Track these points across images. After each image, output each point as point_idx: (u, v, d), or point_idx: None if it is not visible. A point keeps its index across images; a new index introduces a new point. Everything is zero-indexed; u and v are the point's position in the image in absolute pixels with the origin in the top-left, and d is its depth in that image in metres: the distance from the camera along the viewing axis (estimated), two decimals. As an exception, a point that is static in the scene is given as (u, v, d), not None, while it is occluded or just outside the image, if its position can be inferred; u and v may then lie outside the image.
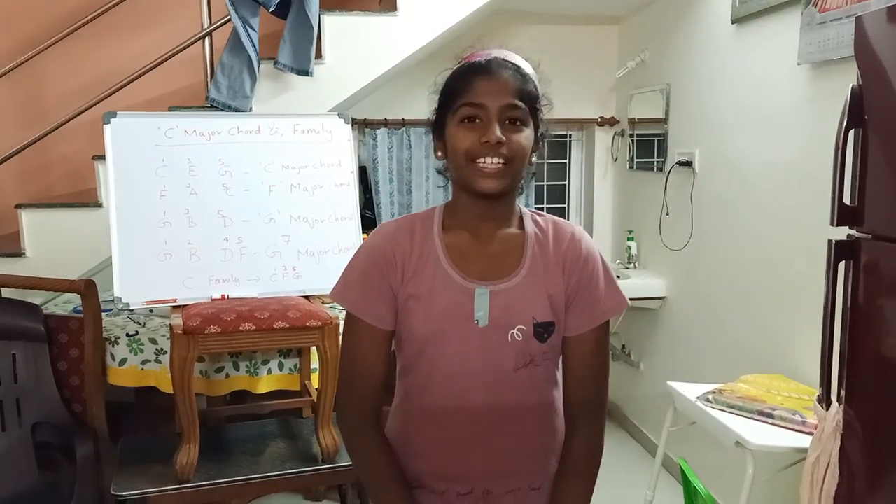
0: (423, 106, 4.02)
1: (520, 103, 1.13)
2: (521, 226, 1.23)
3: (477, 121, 1.12)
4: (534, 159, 1.19)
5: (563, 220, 1.26)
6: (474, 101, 1.12)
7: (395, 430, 1.26)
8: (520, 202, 1.28)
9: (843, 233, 1.51)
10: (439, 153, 1.21)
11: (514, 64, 1.16)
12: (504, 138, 1.11)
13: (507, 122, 1.12)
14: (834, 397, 1.53)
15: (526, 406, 1.21)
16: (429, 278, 1.17)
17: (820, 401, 1.56)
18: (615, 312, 1.23)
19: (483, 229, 1.21)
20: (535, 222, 1.24)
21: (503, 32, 3.75)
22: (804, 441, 1.74)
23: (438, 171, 1.27)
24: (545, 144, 1.22)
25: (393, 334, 1.21)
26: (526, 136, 1.14)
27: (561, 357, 1.24)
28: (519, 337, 1.16)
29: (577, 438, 1.23)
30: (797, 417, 1.93)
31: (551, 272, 1.20)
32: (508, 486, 1.22)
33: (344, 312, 1.23)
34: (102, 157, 2.71)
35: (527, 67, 1.18)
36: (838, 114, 1.48)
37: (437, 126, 1.20)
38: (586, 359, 1.22)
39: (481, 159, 1.12)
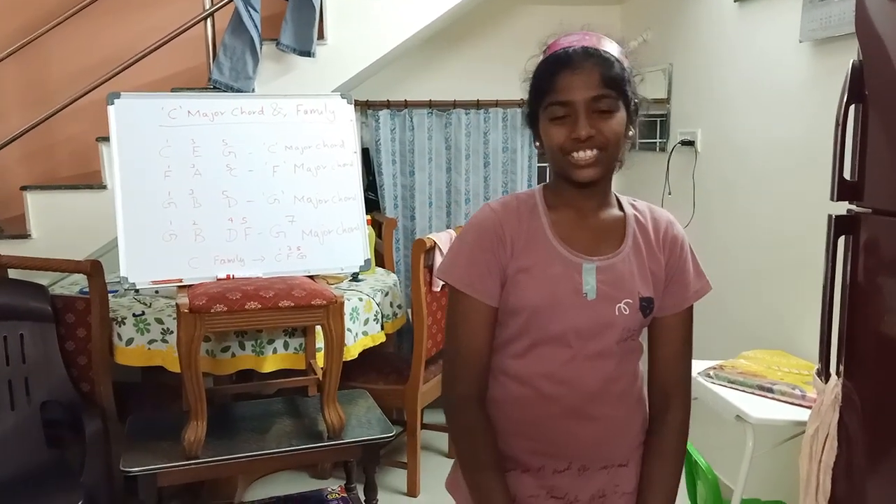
0: (425, 87, 4.05)
1: (607, 91, 1.13)
2: (621, 208, 1.27)
3: (566, 117, 1.14)
4: (630, 133, 1.20)
5: (657, 206, 1.31)
6: (560, 100, 1.13)
7: (492, 407, 1.25)
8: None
9: (843, 208, 1.52)
10: (537, 143, 1.23)
11: (595, 50, 1.15)
12: (593, 132, 1.13)
13: (595, 112, 1.13)
14: (833, 371, 1.55)
15: (624, 381, 1.24)
16: (538, 252, 1.20)
17: (819, 374, 1.58)
18: (702, 294, 1.29)
19: (586, 208, 1.24)
20: (633, 206, 1.29)
21: (506, 13, 3.74)
22: (804, 415, 1.76)
23: (541, 156, 1.30)
24: (636, 121, 1.22)
25: (497, 311, 1.22)
26: (617, 121, 1.15)
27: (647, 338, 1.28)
28: (626, 311, 1.20)
29: (668, 421, 1.27)
30: (797, 392, 1.95)
31: (653, 251, 1.24)
32: (603, 462, 1.24)
33: (350, 293, 1.25)
34: (106, 139, 2.74)
35: (611, 49, 1.17)
36: (839, 90, 1.48)
37: (531, 117, 1.22)
38: (677, 340, 1.28)
39: (573, 153, 1.14)
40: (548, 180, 1.31)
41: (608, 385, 1.21)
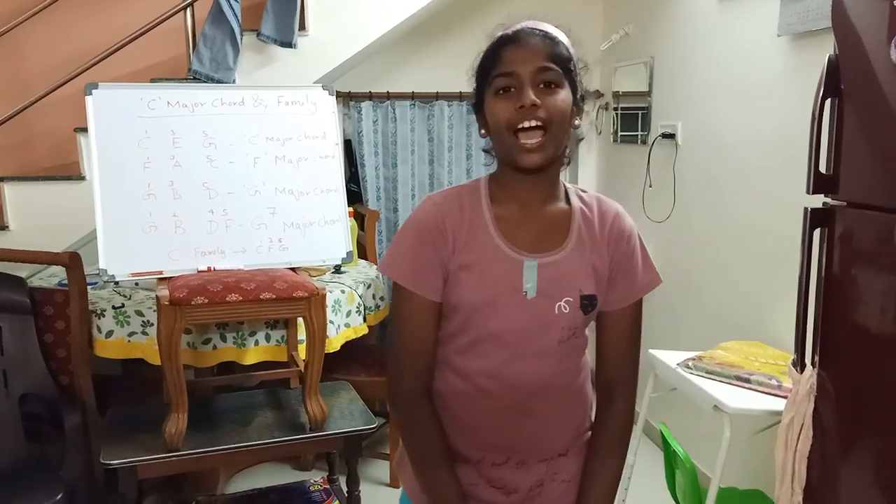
0: (408, 79, 4.05)
1: (551, 65, 1.13)
2: (568, 201, 1.25)
3: (511, 90, 1.13)
4: (576, 122, 1.18)
5: (606, 197, 1.28)
6: (505, 70, 1.13)
7: (435, 399, 1.25)
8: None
9: (819, 201, 1.54)
10: (483, 131, 1.22)
11: (541, 30, 1.16)
12: (538, 101, 1.11)
13: (541, 85, 1.12)
14: (808, 361, 1.57)
15: (566, 377, 1.23)
16: (479, 248, 1.18)
17: (795, 364, 1.60)
18: (651, 288, 1.26)
19: (530, 202, 1.21)
20: (581, 198, 1.26)
21: (488, 5, 3.74)
22: (780, 404, 1.79)
23: (485, 151, 1.26)
24: (581, 110, 1.20)
25: (441, 305, 1.21)
26: (562, 98, 1.13)
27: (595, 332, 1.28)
28: (566, 309, 1.18)
29: (612, 415, 1.27)
30: (773, 382, 1.98)
31: (597, 246, 1.22)
32: (542, 455, 1.25)
33: (332, 285, 1.24)
34: (85, 130, 2.70)
35: (556, 32, 1.18)
36: (816, 84, 1.50)
37: (478, 104, 1.21)
38: (623, 334, 1.26)
39: (521, 125, 1.11)
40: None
41: (548, 382, 1.21)
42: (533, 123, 1.11)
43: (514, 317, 1.17)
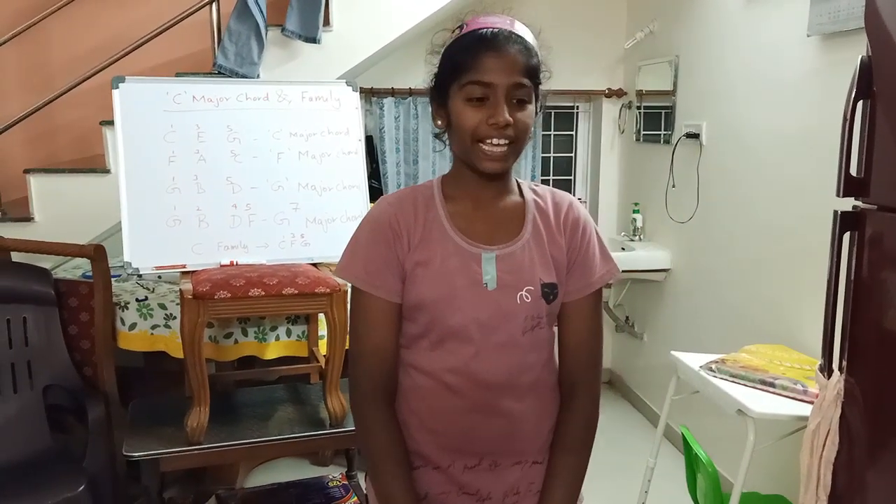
0: (429, 76, 3.99)
1: (526, 81, 1.12)
2: (521, 195, 1.25)
3: (484, 99, 1.11)
4: (532, 129, 1.18)
5: (558, 190, 1.29)
6: (483, 80, 1.10)
7: (399, 404, 1.24)
8: (525, 175, 1.29)
9: (848, 204, 1.51)
10: (439, 122, 1.20)
11: (520, 37, 1.14)
12: (511, 120, 1.10)
13: (514, 101, 1.12)
14: (836, 366, 1.55)
15: (532, 371, 1.22)
16: (435, 245, 1.18)
17: (822, 369, 1.58)
18: (608, 278, 1.24)
19: (484, 197, 1.21)
20: (533, 191, 1.26)
21: (512, 2, 3.72)
22: (805, 409, 1.77)
23: (435, 136, 1.25)
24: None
25: (401, 307, 1.20)
26: (529, 113, 1.14)
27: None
28: (528, 298, 1.18)
29: (574, 409, 1.24)
30: (799, 386, 1.96)
31: (553, 235, 1.22)
32: (515, 458, 1.22)
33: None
34: (110, 123, 2.73)
35: (530, 38, 1.16)
36: (847, 86, 1.48)
37: (438, 93, 1.19)
38: (583, 325, 1.24)
39: (488, 140, 1.11)
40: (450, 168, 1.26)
41: (516, 377, 1.19)
42: (502, 141, 1.12)
43: (476, 309, 1.16)
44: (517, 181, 1.26)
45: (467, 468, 1.21)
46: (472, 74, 1.11)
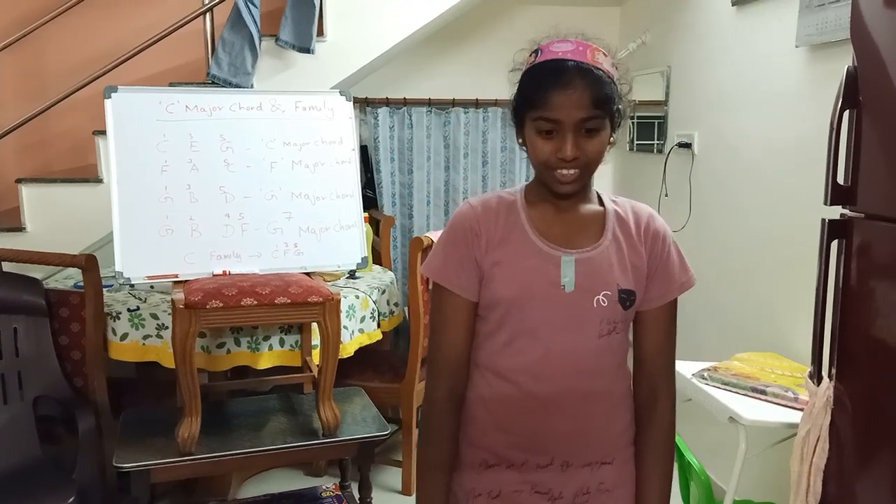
0: (424, 85, 4.04)
1: (596, 112, 1.14)
2: (601, 203, 1.28)
3: (553, 133, 1.15)
4: (612, 141, 1.20)
5: (638, 202, 1.31)
6: (550, 117, 1.13)
7: (471, 403, 1.27)
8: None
9: (836, 212, 1.52)
10: (520, 140, 1.24)
11: (588, 67, 1.14)
12: (579, 154, 1.14)
13: (582, 131, 1.14)
14: (825, 373, 1.56)
15: (607, 374, 1.24)
16: (514, 245, 1.21)
17: (811, 377, 1.58)
18: (687, 288, 1.28)
19: (566, 204, 1.25)
20: (614, 201, 1.29)
21: (505, 13, 3.75)
22: (796, 417, 1.77)
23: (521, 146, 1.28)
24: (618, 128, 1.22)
25: (476, 306, 1.24)
26: (601, 140, 1.16)
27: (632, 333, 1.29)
28: (605, 303, 1.20)
29: (657, 416, 1.28)
30: (789, 394, 1.96)
31: (633, 244, 1.24)
32: (586, 459, 1.24)
33: (346, 290, 1.25)
34: (103, 132, 2.73)
35: (604, 63, 1.17)
36: (834, 96, 1.49)
37: (516, 116, 1.22)
38: (661, 331, 1.27)
39: (559, 170, 1.16)
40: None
41: (588, 380, 1.22)
42: (571, 171, 1.16)
43: (551, 310, 1.19)
44: (598, 192, 1.29)
45: (539, 467, 1.24)
46: (542, 111, 1.14)
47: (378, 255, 3.50)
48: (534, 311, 1.19)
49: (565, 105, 1.12)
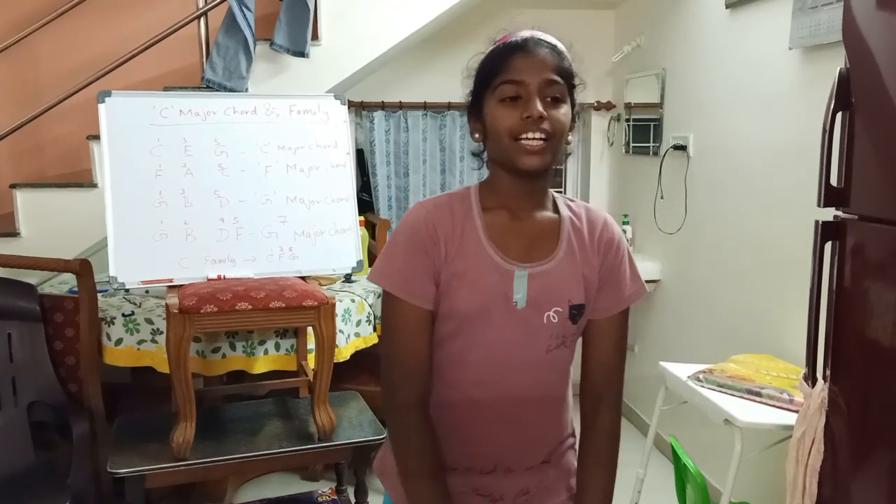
0: (420, 89, 4.05)
1: (558, 79, 1.14)
2: (556, 210, 1.25)
3: (518, 98, 1.13)
4: (570, 138, 1.19)
5: (594, 206, 1.29)
6: (514, 79, 1.12)
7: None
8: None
9: (830, 214, 1.53)
10: (476, 135, 1.22)
11: (549, 42, 1.17)
12: (545, 113, 1.12)
13: (547, 98, 1.13)
14: (820, 375, 1.56)
15: (554, 388, 1.24)
16: (471, 258, 1.18)
17: (806, 378, 1.59)
18: (637, 298, 1.26)
19: (522, 209, 1.22)
20: (569, 207, 1.26)
21: (500, 16, 3.74)
22: (791, 419, 1.77)
23: (474, 154, 1.27)
24: (579, 124, 1.23)
25: (434, 314, 1.20)
26: (564, 112, 1.15)
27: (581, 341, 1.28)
28: (555, 319, 1.19)
29: (599, 425, 1.26)
30: (785, 396, 1.96)
31: (587, 255, 1.22)
32: (528, 464, 1.25)
33: (342, 294, 1.24)
34: (97, 137, 2.73)
35: (561, 46, 1.19)
36: (827, 97, 1.49)
37: (474, 108, 1.21)
38: (611, 341, 1.26)
39: (524, 135, 1.12)
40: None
41: (537, 392, 1.21)
42: (537, 136, 1.12)
43: (504, 326, 1.17)
44: (553, 196, 1.27)
45: (483, 473, 1.23)
46: (504, 76, 1.13)
47: (374, 259, 3.50)
48: (487, 327, 1.17)
49: (529, 66, 1.13)
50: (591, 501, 1.26)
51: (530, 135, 1.12)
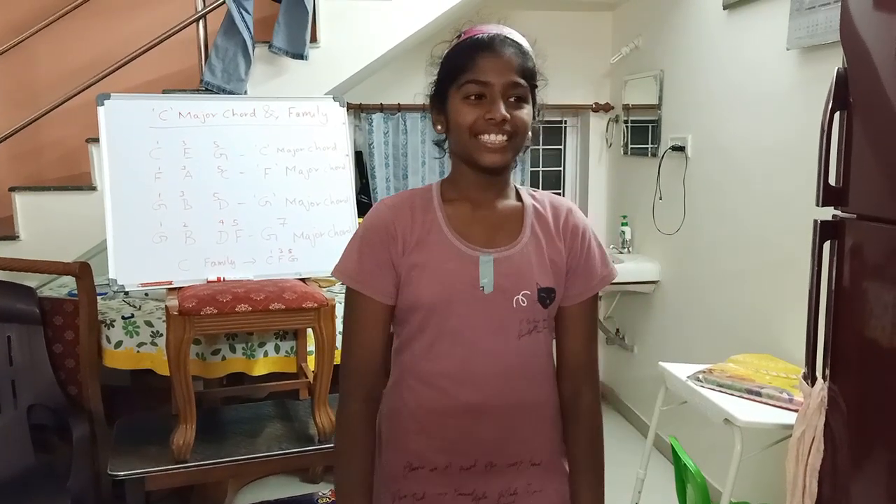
0: (419, 90, 4.05)
1: (522, 81, 1.15)
2: (519, 199, 1.26)
3: (482, 98, 1.15)
4: (530, 134, 1.21)
5: (558, 196, 1.30)
6: (479, 79, 1.14)
7: (394, 407, 1.25)
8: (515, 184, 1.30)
9: (828, 213, 1.53)
10: (439, 126, 1.23)
11: (515, 41, 1.18)
12: (508, 116, 1.13)
13: (511, 99, 1.15)
14: (819, 374, 1.56)
15: (529, 374, 1.22)
16: (432, 247, 1.19)
17: (805, 378, 1.59)
18: (607, 282, 1.26)
19: (483, 200, 1.23)
20: (532, 196, 1.27)
21: (498, 18, 3.75)
22: (791, 418, 1.77)
23: (436, 143, 1.28)
24: (541, 120, 1.25)
25: (393, 309, 1.21)
26: (527, 112, 1.17)
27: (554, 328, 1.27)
28: (524, 302, 1.18)
29: (581, 405, 1.26)
30: (784, 395, 1.96)
31: (552, 240, 1.23)
32: (511, 459, 1.23)
33: (341, 296, 1.24)
34: (96, 140, 2.72)
35: (526, 44, 1.20)
36: (825, 98, 1.50)
37: (437, 99, 1.22)
38: (583, 327, 1.26)
39: (485, 136, 1.14)
40: (448, 173, 1.29)
41: (510, 381, 1.20)
42: (499, 137, 1.14)
43: (472, 313, 1.17)
44: (516, 187, 1.28)
45: (463, 469, 1.22)
46: (469, 74, 1.14)
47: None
48: (454, 314, 1.17)
49: (495, 68, 1.14)
50: (585, 492, 1.26)
51: (492, 136, 1.14)
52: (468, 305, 1.17)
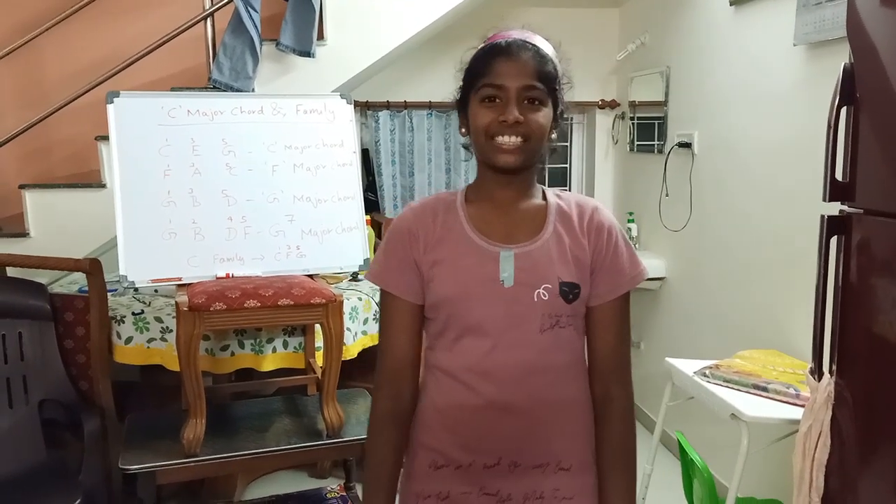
0: (425, 88, 4.06)
1: (538, 84, 1.17)
2: (544, 199, 1.28)
3: (497, 100, 1.17)
4: (553, 136, 1.23)
5: (586, 197, 1.31)
6: (494, 83, 1.17)
7: (423, 405, 1.27)
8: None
9: (835, 209, 1.53)
10: (463, 129, 1.26)
11: (533, 45, 1.20)
12: (521, 118, 1.15)
13: (525, 101, 1.17)
14: (826, 369, 1.56)
15: (552, 370, 1.21)
16: (451, 244, 1.22)
17: (812, 372, 1.59)
18: (638, 281, 1.26)
19: (504, 199, 1.25)
20: (558, 196, 1.29)
21: (505, 15, 3.75)
22: (798, 413, 1.78)
23: (464, 147, 1.30)
24: (568, 122, 1.26)
25: (422, 309, 1.24)
26: (544, 115, 1.18)
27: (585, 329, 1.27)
28: (545, 296, 1.19)
29: (613, 408, 1.24)
30: (791, 391, 1.97)
31: (576, 237, 1.23)
32: (536, 460, 1.22)
33: (349, 293, 1.26)
34: (105, 138, 2.75)
35: (546, 48, 1.22)
36: (832, 93, 1.50)
37: (462, 104, 1.25)
38: (614, 327, 1.25)
39: (500, 137, 1.17)
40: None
41: (532, 376, 1.20)
42: (513, 139, 1.17)
43: (492, 306, 1.19)
44: (543, 189, 1.29)
45: (486, 467, 1.22)
46: (486, 79, 1.18)
47: (380, 258, 3.50)
48: (475, 309, 1.19)
49: (509, 72, 1.16)
50: (616, 494, 1.24)
51: (505, 137, 1.17)
52: (489, 299, 1.19)
